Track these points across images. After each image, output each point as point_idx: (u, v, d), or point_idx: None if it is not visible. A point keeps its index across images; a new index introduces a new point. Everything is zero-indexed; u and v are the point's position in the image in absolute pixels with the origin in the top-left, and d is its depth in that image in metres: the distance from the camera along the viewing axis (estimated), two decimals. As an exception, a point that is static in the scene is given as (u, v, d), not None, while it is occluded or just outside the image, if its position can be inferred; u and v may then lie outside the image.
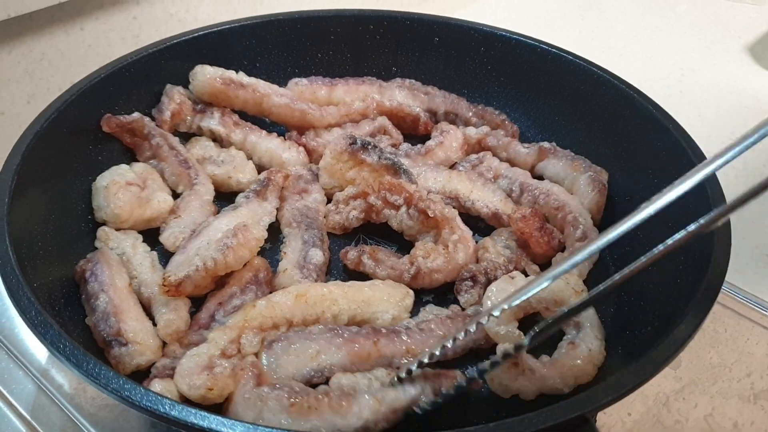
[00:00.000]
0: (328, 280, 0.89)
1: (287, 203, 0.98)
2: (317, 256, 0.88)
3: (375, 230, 0.97)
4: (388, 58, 1.22)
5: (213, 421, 0.55)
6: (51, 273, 0.80)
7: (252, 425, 0.55)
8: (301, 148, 1.07)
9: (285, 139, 1.08)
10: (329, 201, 1.00)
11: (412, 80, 1.20)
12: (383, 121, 1.14)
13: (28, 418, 0.80)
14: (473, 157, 1.07)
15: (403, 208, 0.91)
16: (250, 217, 0.90)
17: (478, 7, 1.82)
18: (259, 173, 1.02)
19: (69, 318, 0.78)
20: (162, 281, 0.79)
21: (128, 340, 0.74)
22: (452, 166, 1.07)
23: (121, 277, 0.82)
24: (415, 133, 1.17)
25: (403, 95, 1.18)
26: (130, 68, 1.01)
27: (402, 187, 0.92)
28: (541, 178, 1.04)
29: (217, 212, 0.94)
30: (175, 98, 1.05)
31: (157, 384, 0.70)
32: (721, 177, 0.82)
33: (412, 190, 0.92)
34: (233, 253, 0.82)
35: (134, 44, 1.22)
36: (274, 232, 0.95)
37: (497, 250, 0.89)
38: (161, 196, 0.94)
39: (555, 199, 0.95)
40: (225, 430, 0.54)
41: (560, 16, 1.83)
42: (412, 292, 0.84)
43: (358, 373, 0.72)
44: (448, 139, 1.09)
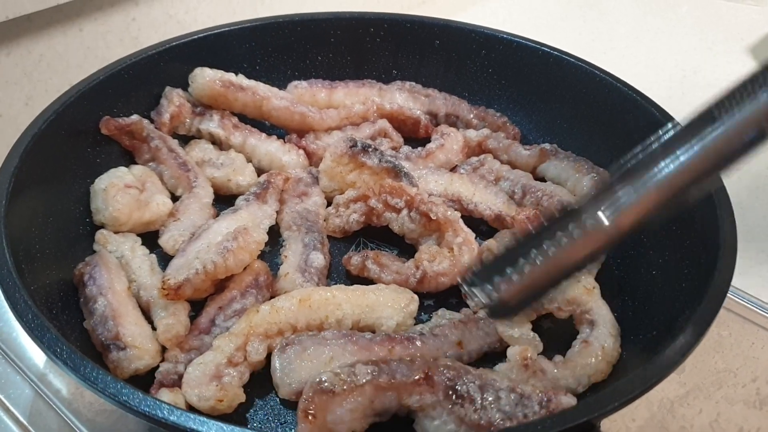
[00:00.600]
0: (329, 284, 0.89)
1: (287, 206, 0.97)
2: (318, 260, 0.87)
3: (375, 234, 0.97)
4: (389, 61, 1.22)
5: (213, 427, 0.54)
6: (48, 276, 0.79)
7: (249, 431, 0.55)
8: (301, 151, 1.06)
9: (285, 142, 1.07)
10: (329, 204, 0.99)
11: (413, 83, 1.20)
12: (383, 124, 1.13)
13: (25, 423, 0.79)
14: (474, 159, 1.07)
15: (405, 211, 0.91)
16: (250, 220, 0.89)
17: (479, 9, 1.82)
18: (259, 176, 1.01)
19: (66, 322, 0.77)
20: (161, 284, 0.78)
21: (127, 345, 0.73)
22: (453, 169, 1.07)
23: (119, 280, 0.81)
24: (415, 136, 1.16)
25: (404, 98, 1.18)
26: (129, 70, 1.00)
27: (403, 190, 0.91)
28: (543, 180, 1.04)
29: (217, 215, 0.94)
30: (174, 100, 1.04)
31: (166, 394, 0.69)
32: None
33: (413, 193, 0.91)
34: (233, 257, 0.81)
35: (133, 46, 1.21)
36: (274, 236, 0.94)
37: None
38: (160, 198, 0.93)
39: (558, 201, 0.94)
40: (225, 436, 0.54)
41: (561, 17, 1.83)
42: (416, 297, 0.83)
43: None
44: (449, 142, 1.08)
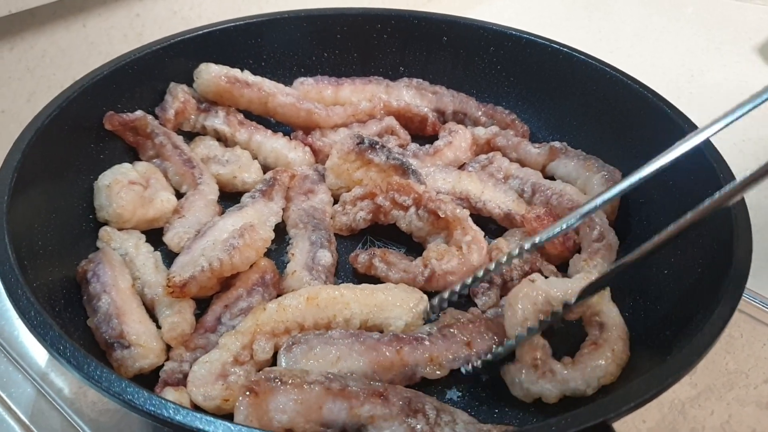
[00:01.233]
0: (336, 282, 0.88)
1: (293, 204, 0.96)
2: (326, 258, 0.86)
3: (382, 231, 0.96)
4: (396, 58, 1.21)
5: (219, 427, 0.53)
6: (51, 273, 0.78)
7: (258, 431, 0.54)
8: (307, 148, 1.05)
9: (291, 139, 1.06)
10: (336, 202, 0.98)
11: (420, 80, 1.19)
12: (390, 122, 1.12)
13: (27, 422, 0.78)
14: (483, 157, 1.06)
15: (412, 209, 0.89)
16: (256, 218, 0.88)
17: (485, 8, 1.81)
18: (264, 173, 1.00)
19: (69, 319, 0.76)
20: (166, 282, 0.77)
21: (131, 343, 0.72)
22: (461, 167, 1.06)
23: (123, 278, 0.81)
24: (422, 134, 1.15)
25: (411, 95, 1.17)
26: (134, 65, 1.00)
27: (411, 188, 0.90)
28: (552, 178, 1.03)
29: (222, 212, 0.92)
30: (179, 96, 1.03)
31: (171, 393, 0.68)
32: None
33: (421, 190, 0.90)
34: (239, 254, 0.80)
35: (137, 42, 1.20)
36: (280, 233, 0.93)
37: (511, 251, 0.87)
38: (165, 195, 0.92)
39: (569, 200, 0.93)
40: (231, 437, 0.52)
41: (567, 16, 1.82)
42: (426, 297, 0.81)
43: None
44: (457, 139, 1.07)
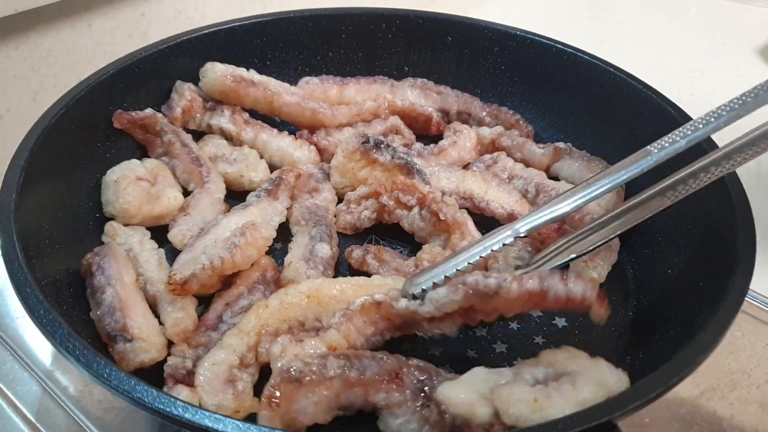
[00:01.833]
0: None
1: (297, 202, 0.96)
2: (324, 250, 0.86)
3: (387, 231, 0.96)
4: (400, 57, 1.21)
5: (228, 425, 0.53)
6: (58, 270, 0.78)
7: (268, 428, 0.54)
8: (313, 147, 1.06)
9: (296, 138, 1.07)
10: (340, 200, 0.98)
11: (425, 80, 1.19)
12: (395, 121, 1.12)
13: (33, 420, 0.78)
14: (487, 157, 1.06)
15: (416, 209, 0.90)
16: (260, 217, 0.89)
17: (489, 7, 1.81)
18: (271, 172, 1.01)
19: (77, 317, 0.76)
20: (168, 279, 0.77)
21: (134, 336, 0.73)
22: (466, 167, 1.06)
23: (128, 272, 0.81)
24: (427, 134, 1.15)
25: (416, 95, 1.17)
26: (140, 64, 1.00)
27: (415, 188, 0.90)
28: (556, 179, 1.03)
29: (228, 211, 0.93)
30: (185, 95, 1.03)
31: (183, 391, 0.68)
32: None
33: (426, 190, 0.90)
34: (241, 252, 0.80)
35: (142, 41, 1.20)
36: (286, 233, 0.93)
37: (514, 255, 0.86)
38: (171, 192, 0.92)
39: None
40: (241, 435, 0.53)
41: (570, 17, 1.82)
42: None
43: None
44: (462, 139, 1.07)
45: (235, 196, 0.98)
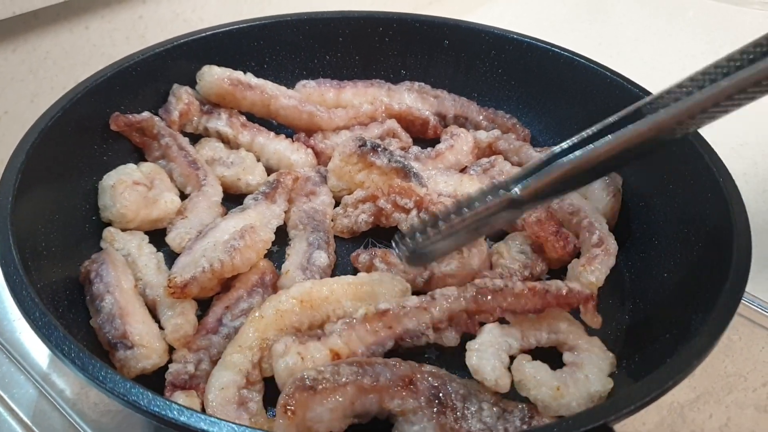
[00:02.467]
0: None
1: (295, 205, 0.96)
2: (321, 258, 0.86)
3: (384, 234, 0.96)
4: (397, 61, 1.21)
5: (224, 428, 0.53)
6: (55, 274, 0.78)
7: (264, 432, 0.54)
8: (309, 150, 1.06)
9: (293, 141, 1.07)
10: (337, 204, 0.98)
11: (422, 83, 1.19)
12: (392, 124, 1.12)
13: (29, 423, 0.78)
14: (484, 160, 1.06)
15: (414, 212, 0.90)
16: (258, 220, 0.89)
17: (486, 10, 1.82)
18: (268, 175, 1.01)
19: (73, 320, 0.76)
20: (167, 282, 0.77)
21: (134, 343, 0.73)
22: (463, 170, 1.06)
23: (126, 278, 0.81)
24: (424, 137, 1.15)
25: (412, 98, 1.17)
26: (137, 67, 1.00)
27: (412, 191, 0.90)
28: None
29: (225, 214, 0.93)
30: (183, 98, 1.04)
31: (181, 397, 0.68)
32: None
33: (423, 193, 0.90)
34: (240, 255, 0.80)
35: (139, 44, 1.20)
36: (283, 235, 0.93)
37: (512, 256, 0.87)
38: (168, 196, 0.92)
39: (570, 204, 0.93)
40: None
41: (568, 20, 1.82)
42: (410, 287, 0.82)
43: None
44: (459, 143, 1.07)
45: (232, 199, 0.98)
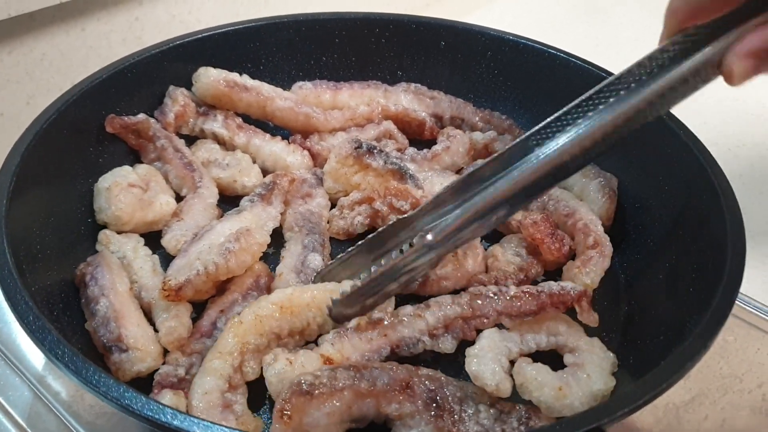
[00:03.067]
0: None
1: (291, 207, 0.96)
2: (315, 261, 0.86)
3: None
4: (394, 62, 1.21)
5: (216, 431, 0.53)
6: (49, 277, 0.78)
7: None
8: (306, 152, 1.06)
9: (289, 143, 1.07)
10: (334, 206, 0.98)
11: (418, 84, 1.19)
12: (388, 126, 1.12)
13: (24, 426, 0.78)
14: (480, 162, 1.06)
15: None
16: (254, 222, 0.88)
17: (484, 12, 1.82)
18: (264, 177, 1.00)
19: (67, 323, 0.76)
20: (162, 285, 0.77)
21: (129, 347, 0.73)
22: (459, 171, 1.06)
23: (121, 281, 0.81)
24: (420, 138, 1.15)
25: (409, 100, 1.17)
26: (133, 69, 1.00)
27: (408, 193, 0.90)
28: (548, 184, 1.03)
29: (221, 216, 0.93)
30: (179, 100, 1.03)
31: (168, 396, 0.68)
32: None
33: (419, 195, 0.90)
34: (235, 258, 0.80)
35: (136, 46, 1.20)
36: (279, 237, 0.93)
37: (507, 258, 0.87)
38: (164, 198, 0.92)
39: (565, 206, 0.93)
40: (230, 441, 0.53)
41: (566, 22, 1.82)
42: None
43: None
44: (455, 144, 1.07)
45: (228, 200, 0.98)
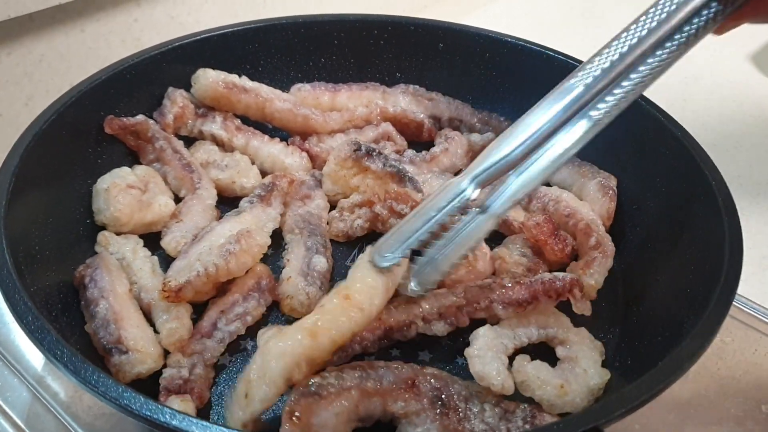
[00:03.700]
0: (331, 287, 0.87)
1: (290, 209, 0.96)
2: (321, 263, 0.86)
3: (378, 238, 0.95)
4: (392, 64, 1.21)
5: (215, 431, 0.53)
6: (49, 278, 0.78)
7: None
8: (304, 154, 1.06)
9: (288, 144, 1.07)
10: (333, 207, 0.98)
11: (416, 86, 1.19)
12: (387, 127, 1.12)
13: (23, 426, 0.78)
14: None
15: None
16: (254, 223, 0.89)
17: (481, 13, 1.82)
18: (263, 178, 1.00)
19: (67, 324, 0.76)
20: (162, 286, 0.77)
21: (129, 348, 0.73)
22: (457, 173, 1.06)
23: (121, 282, 0.81)
24: (418, 140, 1.15)
25: (407, 101, 1.17)
26: (132, 70, 1.00)
27: (408, 196, 0.90)
28: (548, 184, 1.03)
29: (220, 217, 0.93)
30: (177, 101, 1.03)
31: (176, 402, 0.68)
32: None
33: (419, 198, 0.90)
34: (236, 259, 0.80)
35: (135, 47, 1.21)
36: (277, 239, 0.93)
37: (515, 260, 0.87)
38: (163, 199, 0.92)
39: (566, 206, 0.93)
40: (230, 442, 0.53)
41: (563, 23, 1.82)
42: None
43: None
44: (453, 146, 1.08)
45: (227, 202, 0.98)
